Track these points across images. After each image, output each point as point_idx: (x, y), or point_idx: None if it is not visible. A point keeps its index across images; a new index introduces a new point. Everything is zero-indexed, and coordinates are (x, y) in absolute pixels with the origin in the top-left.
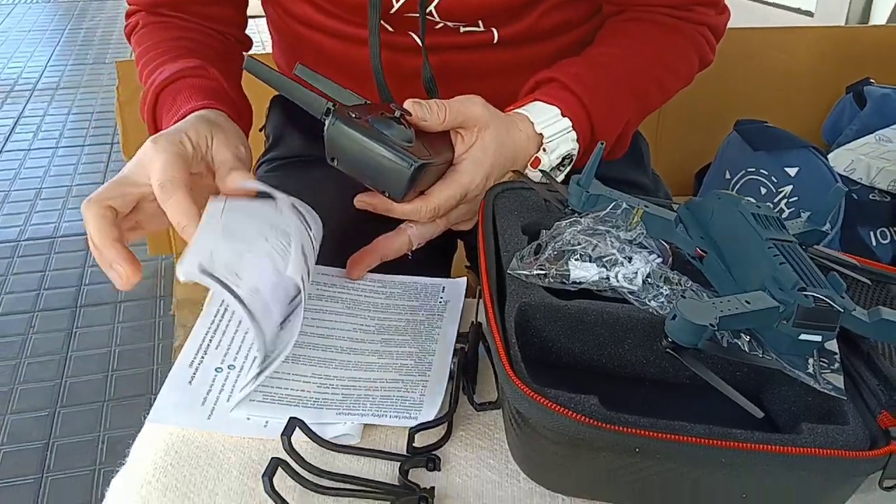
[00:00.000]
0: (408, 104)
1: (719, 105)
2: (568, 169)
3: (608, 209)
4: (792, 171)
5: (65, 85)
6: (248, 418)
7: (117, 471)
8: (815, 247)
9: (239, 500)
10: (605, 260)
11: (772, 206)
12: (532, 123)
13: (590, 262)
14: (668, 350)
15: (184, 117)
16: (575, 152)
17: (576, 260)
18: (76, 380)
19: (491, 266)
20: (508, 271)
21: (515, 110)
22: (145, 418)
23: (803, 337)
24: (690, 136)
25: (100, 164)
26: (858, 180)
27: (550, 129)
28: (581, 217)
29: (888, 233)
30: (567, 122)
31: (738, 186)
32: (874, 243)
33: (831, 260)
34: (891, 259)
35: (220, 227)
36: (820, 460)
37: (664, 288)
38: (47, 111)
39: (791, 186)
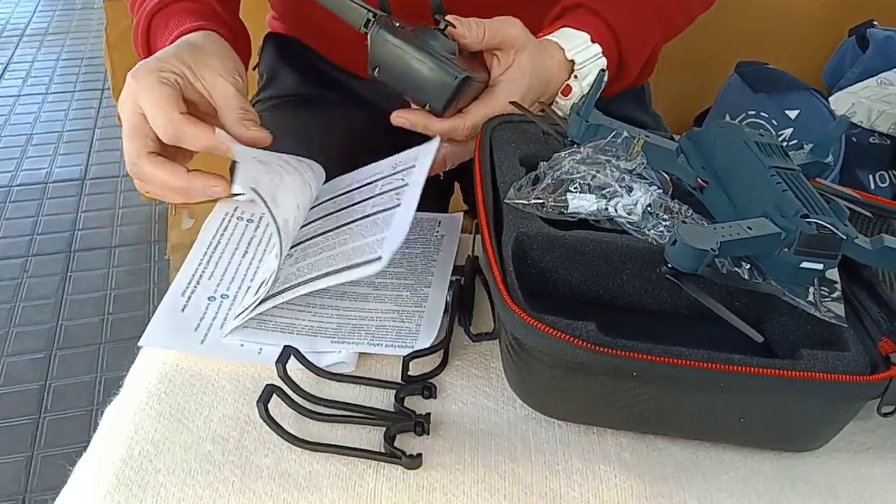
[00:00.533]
0: (450, 18)
1: (720, 47)
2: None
3: (609, 138)
4: (792, 114)
5: (54, 30)
6: (242, 344)
7: None
8: (818, 180)
9: (234, 426)
10: (604, 191)
11: None
12: (563, 50)
13: (588, 192)
14: (667, 276)
15: (181, 36)
16: (603, 82)
17: (574, 190)
18: (72, 323)
19: (488, 196)
20: (505, 201)
21: (545, 37)
22: None
23: (805, 265)
24: (691, 79)
25: (90, 109)
26: (859, 123)
27: (581, 56)
28: (583, 146)
29: (887, 176)
30: (597, 48)
31: None
32: (872, 187)
33: (833, 193)
34: None
35: (253, 158)
36: (820, 385)
37: (665, 217)
38: (36, 57)
39: (791, 129)
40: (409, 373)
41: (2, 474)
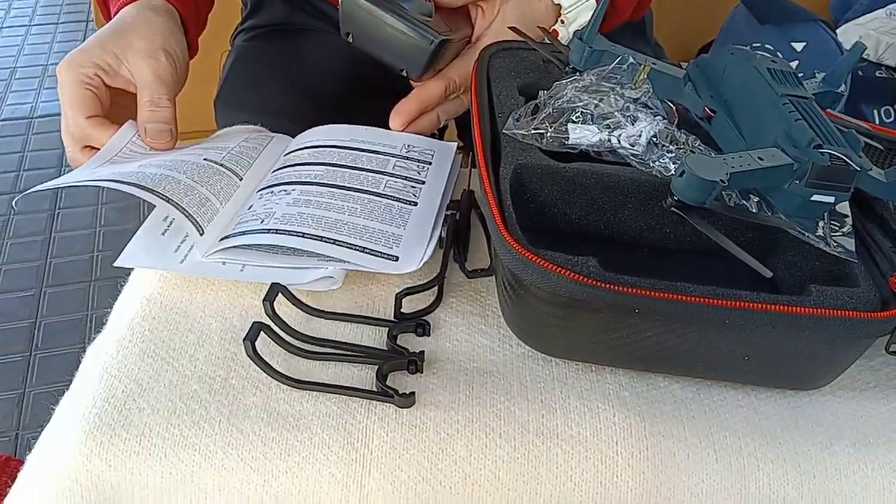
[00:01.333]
0: None
1: None
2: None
3: (613, 65)
4: (798, 47)
5: None
6: (224, 263)
7: None
8: (829, 111)
9: (220, 365)
10: (607, 121)
11: None
12: None
13: (591, 122)
14: (673, 209)
15: (124, 6)
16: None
17: (576, 120)
18: (61, 260)
19: (485, 127)
20: (504, 131)
21: None
22: None
23: (815, 198)
24: (694, 10)
25: (75, 42)
26: (865, 56)
27: (568, 0)
28: (584, 74)
29: (892, 111)
30: None
31: None
32: (877, 121)
33: (844, 124)
34: None
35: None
36: (828, 321)
37: (671, 148)
38: None
39: (797, 62)
40: (402, 310)
41: None
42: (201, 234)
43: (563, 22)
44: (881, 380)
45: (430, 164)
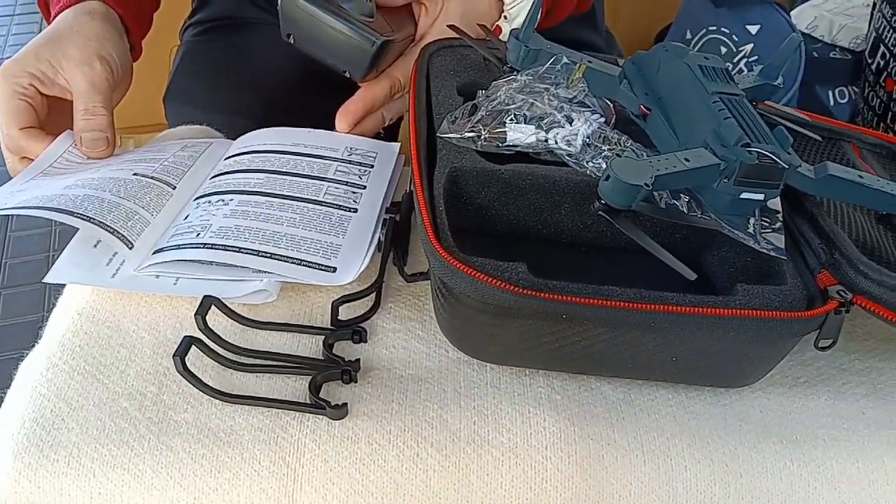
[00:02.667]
0: None
1: None
2: None
3: (547, 65)
4: (753, 29)
5: None
6: (157, 276)
7: None
8: (768, 102)
9: (152, 381)
10: (543, 121)
11: (732, 65)
12: None
13: (526, 122)
14: (600, 213)
15: (62, 11)
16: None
17: (511, 121)
18: (15, 261)
19: (421, 129)
20: (438, 134)
21: None
22: None
23: (745, 195)
24: None
25: (31, 34)
26: (820, 38)
27: None
28: (519, 74)
29: (847, 92)
30: None
31: (698, 46)
32: (832, 102)
33: (782, 116)
34: (848, 118)
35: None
36: (754, 321)
37: (604, 148)
38: None
39: (752, 45)
40: (340, 317)
41: None
42: (131, 248)
43: (505, 18)
44: (811, 375)
45: (373, 167)
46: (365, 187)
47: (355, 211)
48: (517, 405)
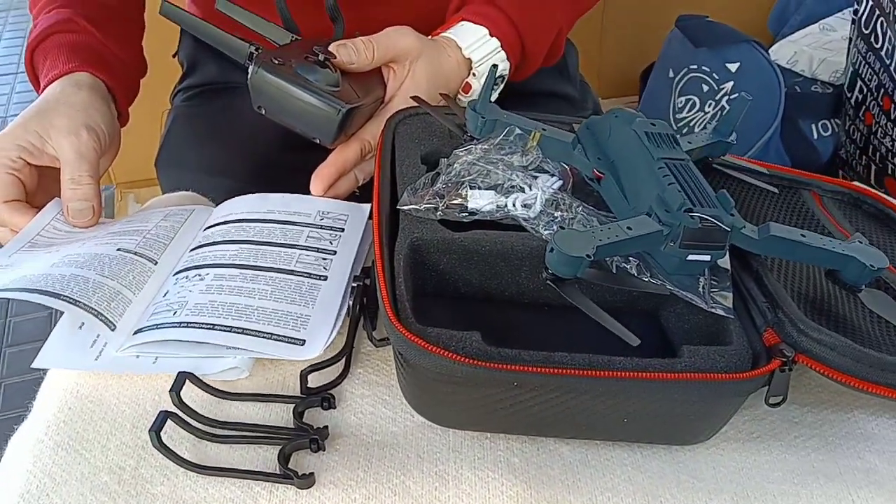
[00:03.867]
0: (333, 48)
1: (662, 1)
2: (501, 87)
3: (502, 136)
4: (733, 67)
5: None
6: (137, 356)
7: None
8: (724, 157)
9: (131, 454)
10: (502, 187)
11: (714, 102)
12: (460, 48)
13: (485, 190)
14: (548, 282)
15: (50, 83)
16: (506, 71)
17: (470, 189)
18: (20, 318)
19: (384, 200)
20: (398, 206)
21: (442, 34)
22: None
23: (692, 257)
24: (634, 35)
25: (33, 92)
26: (801, 72)
27: (478, 53)
28: (476, 144)
29: (829, 125)
30: (495, 43)
31: (681, 84)
32: (815, 136)
33: (738, 168)
34: (832, 151)
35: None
36: (697, 384)
37: (556, 214)
38: None
39: (732, 82)
40: (310, 385)
41: None
42: (113, 330)
43: (474, 75)
44: (764, 429)
45: (343, 230)
46: (335, 252)
47: (325, 279)
48: (477, 469)
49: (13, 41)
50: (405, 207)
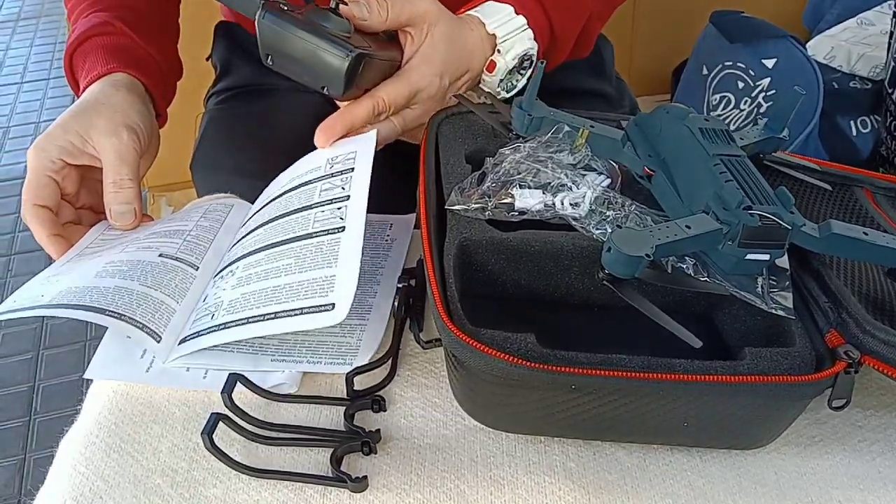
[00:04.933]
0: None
1: None
2: (529, 72)
3: (550, 134)
4: (769, 63)
5: (26, 15)
6: (188, 369)
7: None
8: (775, 153)
9: (184, 456)
10: (550, 186)
11: (750, 100)
12: (483, 24)
13: (533, 189)
14: (604, 283)
15: (90, 85)
16: (533, 52)
17: (518, 188)
18: (57, 321)
19: (431, 200)
20: (447, 207)
21: (467, 12)
22: None
23: (750, 256)
24: (666, 31)
25: (67, 97)
26: (839, 68)
27: (503, 29)
28: (523, 143)
29: (868, 121)
30: (521, 20)
31: (715, 81)
32: (854, 133)
33: (790, 165)
34: (872, 147)
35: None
36: (762, 387)
37: (608, 213)
38: (10, 45)
39: (769, 79)
40: (356, 387)
41: None
42: (158, 342)
43: (499, 51)
44: (826, 433)
45: (353, 169)
46: (348, 197)
47: (342, 230)
48: (533, 474)
49: (44, 48)
50: (454, 207)
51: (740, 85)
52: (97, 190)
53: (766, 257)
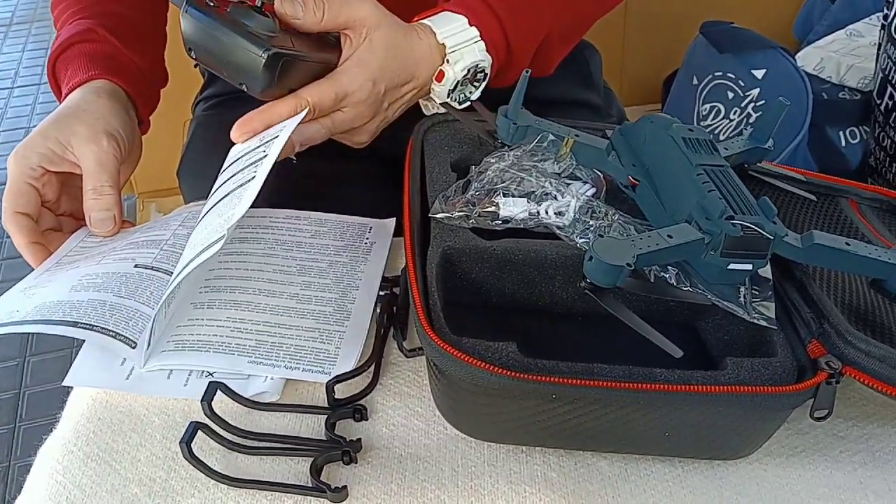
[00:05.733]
0: (279, 1)
1: (685, 8)
2: (483, 85)
3: (534, 143)
4: (759, 74)
5: (18, 20)
6: (168, 376)
7: None
8: (760, 164)
9: (162, 465)
10: (534, 195)
11: (739, 110)
12: (434, 33)
13: (517, 198)
14: (586, 291)
15: (71, 91)
16: (486, 64)
17: (503, 197)
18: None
19: (415, 208)
20: (430, 215)
21: (420, 20)
22: None
23: (733, 266)
24: (657, 42)
25: (56, 102)
26: (828, 79)
27: (453, 39)
28: (507, 151)
29: (857, 132)
30: (474, 32)
31: (705, 92)
32: (843, 144)
33: (775, 176)
34: (861, 158)
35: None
36: (743, 397)
37: (591, 222)
38: (1, 49)
39: (758, 89)
40: (337, 396)
41: None
42: (133, 347)
43: (448, 61)
44: (808, 444)
45: (277, 136)
46: (266, 156)
47: (252, 179)
48: (514, 484)
49: (36, 52)
50: (437, 216)
51: (730, 95)
52: (78, 197)
53: (749, 267)
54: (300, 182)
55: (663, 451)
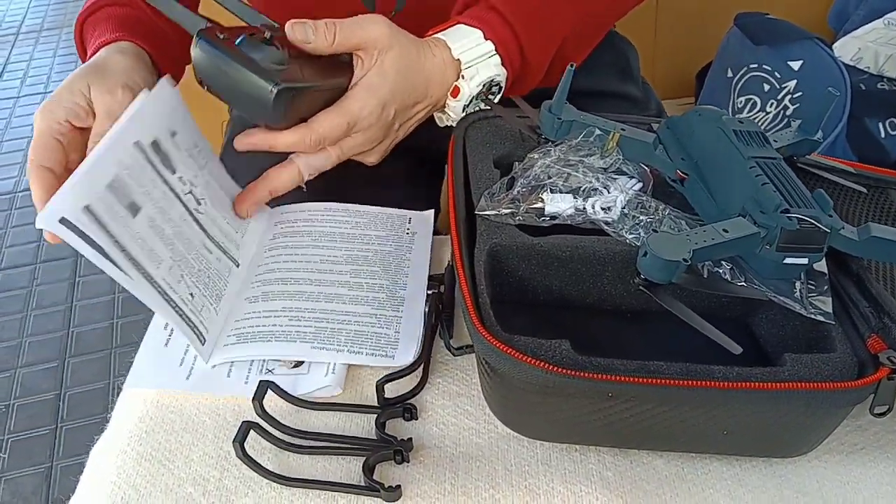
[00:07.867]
0: (289, 25)
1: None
2: (498, 97)
3: (580, 137)
4: (795, 65)
5: (49, 25)
6: (228, 374)
7: None
8: (809, 156)
9: (215, 465)
10: (581, 190)
11: (776, 102)
12: (449, 49)
13: (564, 194)
14: (640, 287)
15: (95, 52)
16: (501, 78)
17: (549, 193)
18: (82, 329)
19: (460, 206)
20: (477, 212)
21: (434, 35)
22: None
23: (788, 260)
24: (689, 34)
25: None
26: (866, 69)
27: (469, 55)
28: (553, 147)
29: None
30: (489, 46)
31: (740, 84)
32: (883, 135)
33: (824, 168)
34: None
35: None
36: (803, 394)
37: (641, 217)
38: (33, 55)
39: (795, 81)
40: (386, 395)
41: (23, 486)
42: (203, 343)
43: (463, 77)
44: (868, 440)
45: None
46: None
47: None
48: (569, 483)
49: (67, 58)
50: (484, 213)
51: (766, 87)
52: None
53: (805, 261)
54: (334, 180)
55: (721, 449)
